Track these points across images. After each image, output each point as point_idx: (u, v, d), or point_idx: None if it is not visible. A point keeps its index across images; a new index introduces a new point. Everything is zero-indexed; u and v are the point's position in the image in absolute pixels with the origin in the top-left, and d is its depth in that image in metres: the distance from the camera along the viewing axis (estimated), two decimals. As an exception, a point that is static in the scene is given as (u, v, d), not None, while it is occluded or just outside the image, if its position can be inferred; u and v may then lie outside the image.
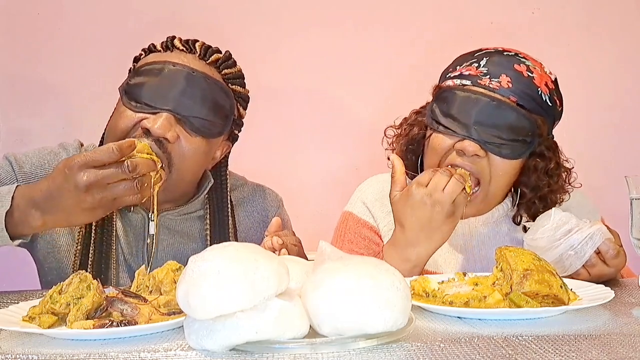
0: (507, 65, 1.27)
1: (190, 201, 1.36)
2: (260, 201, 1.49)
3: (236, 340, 0.73)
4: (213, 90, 1.25)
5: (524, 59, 1.30)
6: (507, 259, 0.95)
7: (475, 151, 1.25)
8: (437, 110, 1.31)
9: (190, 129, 1.23)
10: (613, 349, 0.74)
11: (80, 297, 0.88)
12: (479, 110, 1.24)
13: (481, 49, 1.35)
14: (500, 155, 1.26)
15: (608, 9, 2.25)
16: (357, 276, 0.76)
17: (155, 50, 1.30)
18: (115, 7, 2.18)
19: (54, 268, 1.32)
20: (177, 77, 1.23)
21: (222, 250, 0.77)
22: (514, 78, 1.26)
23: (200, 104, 1.23)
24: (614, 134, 2.25)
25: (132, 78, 1.26)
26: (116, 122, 1.24)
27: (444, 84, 1.33)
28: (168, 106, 1.21)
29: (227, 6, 2.20)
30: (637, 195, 1.06)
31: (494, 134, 1.25)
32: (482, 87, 1.26)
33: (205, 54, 1.28)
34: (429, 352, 0.74)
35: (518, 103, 1.25)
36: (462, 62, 1.33)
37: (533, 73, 1.28)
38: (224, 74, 1.29)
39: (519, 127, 1.25)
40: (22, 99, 2.18)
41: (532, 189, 1.34)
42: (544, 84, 1.29)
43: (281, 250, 1.15)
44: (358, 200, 1.49)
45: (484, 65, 1.28)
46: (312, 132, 2.22)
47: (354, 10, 2.22)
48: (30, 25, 2.17)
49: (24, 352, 0.77)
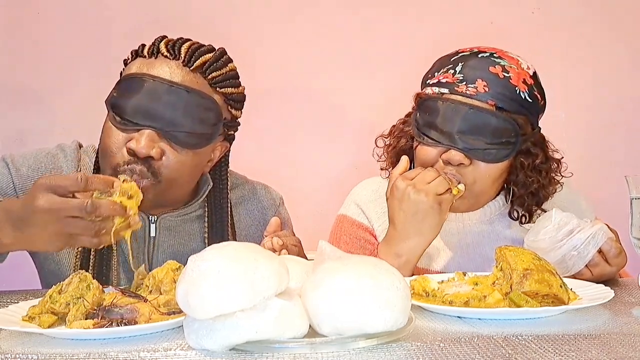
0: (482, 68, 1.27)
1: (189, 204, 1.36)
2: (261, 199, 1.49)
3: (236, 339, 0.73)
4: (195, 102, 1.22)
5: (499, 58, 1.29)
6: (507, 258, 0.95)
7: (460, 160, 1.26)
8: (421, 120, 1.33)
9: (175, 143, 1.22)
10: (613, 348, 0.74)
11: (80, 296, 0.88)
12: (459, 119, 1.25)
13: (458, 51, 1.35)
14: (485, 161, 1.27)
15: (608, 9, 2.25)
16: (357, 276, 0.76)
17: (141, 55, 1.27)
18: (116, 7, 2.18)
19: (54, 270, 1.31)
20: (157, 92, 1.20)
21: (222, 250, 0.77)
22: (490, 81, 1.25)
23: (182, 118, 1.21)
24: (614, 134, 2.25)
25: (116, 90, 1.26)
26: (105, 142, 1.24)
27: (424, 93, 1.34)
28: (150, 122, 1.20)
29: (228, 5, 2.20)
30: (637, 195, 1.06)
31: (477, 140, 1.25)
32: (460, 94, 1.26)
33: (190, 59, 1.23)
34: (429, 351, 0.74)
35: (497, 106, 1.25)
36: (439, 67, 1.34)
37: (509, 72, 1.27)
38: (210, 78, 1.25)
39: (501, 130, 1.25)
40: (21, 99, 2.18)
41: (522, 186, 1.35)
42: (522, 82, 1.27)
43: (281, 251, 1.15)
44: (352, 203, 1.50)
45: (459, 72, 1.28)
46: (312, 132, 2.22)
47: (354, 11, 2.22)
48: (29, 25, 2.17)
49: (23, 351, 0.77)
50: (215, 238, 1.35)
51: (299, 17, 2.21)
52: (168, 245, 1.34)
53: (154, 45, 1.26)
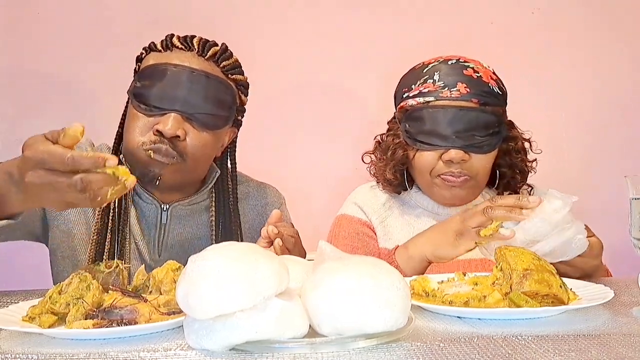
0: (456, 73, 1.38)
1: (199, 192, 1.43)
2: (265, 196, 1.55)
3: (236, 340, 0.73)
4: (214, 86, 1.32)
5: (466, 62, 1.41)
6: (506, 258, 0.95)
7: (461, 157, 1.36)
8: (412, 130, 1.41)
9: (197, 125, 1.31)
10: (613, 348, 0.74)
11: (79, 297, 0.88)
12: (452, 121, 1.36)
13: (423, 63, 1.45)
14: (482, 152, 1.39)
15: (608, 9, 2.25)
16: (357, 276, 0.76)
17: (155, 50, 1.36)
18: (116, 7, 2.18)
19: (68, 256, 1.37)
20: (179, 78, 1.30)
21: (222, 250, 0.77)
22: (468, 83, 1.37)
23: (203, 101, 1.30)
24: (614, 134, 2.25)
25: (137, 81, 1.34)
26: (131, 125, 1.31)
27: (407, 104, 1.42)
28: (175, 107, 1.29)
29: (228, 5, 2.20)
30: (637, 195, 1.06)
31: (471, 136, 1.36)
32: (446, 99, 1.37)
33: (204, 50, 1.34)
34: (429, 351, 0.74)
35: (480, 103, 1.37)
36: (414, 80, 1.43)
37: (479, 72, 1.39)
38: (222, 66, 1.35)
39: (489, 123, 1.38)
40: (21, 99, 2.18)
41: (509, 167, 1.48)
42: (490, 78, 1.40)
43: (276, 240, 1.18)
44: (350, 203, 1.57)
45: (438, 80, 1.38)
46: (312, 132, 2.22)
47: (355, 11, 2.22)
48: (30, 25, 2.17)
49: (23, 351, 0.77)
50: (221, 224, 1.43)
51: (299, 17, 2.21)
52: (177, 233, 1.41)
53: (166, 40, 1.36)
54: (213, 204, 1.44)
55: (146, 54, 1.38)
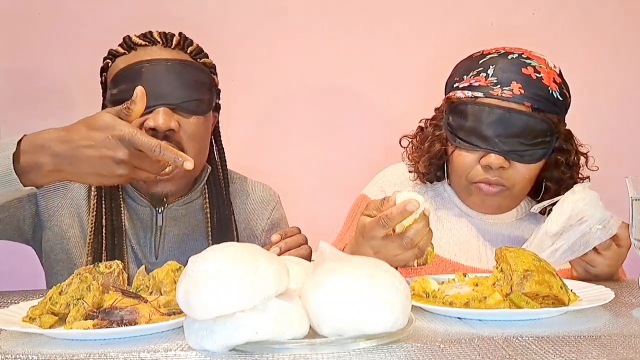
0: (514, 70, 1.28)
1: (192, 189, 1.42)
2: (258, 193, 1.54)
3: (236, 340, 0.73)
4: (191, 72, 1.32)
5: (528, 59, 1.30)
6: (507, 259, 0.95)
7: (500, 164, 1.27)
8: (455, 124, 1.32)
9: (186, 114, 1.30)
10: (613, 349, 0.74)
11: (80, 297, 0.88)
12: (497, 122, 1.26)
13: (483, 52, 1.34)
14: (524, 162, 1.28)
15: (608, 10, 2.25)
16: (357, 277, 0.76)
17: (119, 54, 1.34)
18: (116, 7, 2.18)
19: (62, 259, 1.35)
20: (156, 72, 1.29)
21: (222, 251, 0.77)
22: (524, 83, 1.26)
23: (185, 89, 1.30)
24: (615, 134, 2.25)
25: (113, 88, 1.31)
26: None
27: (455, 96, 1.33)
28: (160, 101, 1.27)
29: (227, 6, 2.20)
30: (637, 196, 1.06)
31: (515, 142, 1.26)
32: (496, 97, 1.27)
33: (167, 41, 1.33)
34: (429, 352, 0.74)
35: (533, 107, 1.26)
36: (467, 70, 1.33)
37: (540, 73, 1.28)
38: (189, 52, 1.35)
39: (538, 131, 1.27)
40: (22, 99, 2.17)
41: (556, 181, 1.37)
42: (553, 81, 1.29)
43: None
44: (376, 185, 1.49)
45: (492, 75, 1.28)
46: (312, 132, 2.22)
47: (355, 12, 2.22)
48: (30, 25, 2.17)
49: (24, 352, 0.77)
50: (216, 222, 1.40)
51: (299, 18, 2.21)
52: (174, 235, 1.39)
53: (126, 42, 1.34)
54: (207, 202, 1.42)
55: (111, 62, 1.35)
